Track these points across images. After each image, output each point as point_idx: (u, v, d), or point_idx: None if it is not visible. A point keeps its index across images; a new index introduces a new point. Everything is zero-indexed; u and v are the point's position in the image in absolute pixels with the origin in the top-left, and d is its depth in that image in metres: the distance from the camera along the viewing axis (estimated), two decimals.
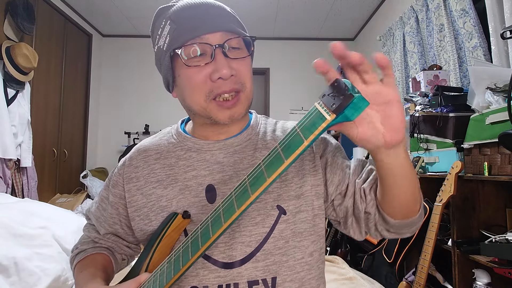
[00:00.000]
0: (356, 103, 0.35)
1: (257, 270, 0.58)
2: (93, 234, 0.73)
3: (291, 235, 0.61)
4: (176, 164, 0.65)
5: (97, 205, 0.74)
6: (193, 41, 0.58)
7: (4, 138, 2.36)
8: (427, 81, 1.97)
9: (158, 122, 4.03)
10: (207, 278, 0.57)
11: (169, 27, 0.60)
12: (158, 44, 0.62)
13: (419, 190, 0.56)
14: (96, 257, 0.68)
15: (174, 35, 0.59)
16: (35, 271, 1.36)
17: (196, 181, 0.63)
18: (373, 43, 3.59)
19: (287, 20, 3.79)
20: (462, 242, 1.44)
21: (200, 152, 0.66)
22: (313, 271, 0.62)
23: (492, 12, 1.73)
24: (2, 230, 1.43)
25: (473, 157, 1.45)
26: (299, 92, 4.20)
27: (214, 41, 0.58)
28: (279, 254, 0.59)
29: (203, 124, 0.66)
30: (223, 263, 0.58)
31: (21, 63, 2.49)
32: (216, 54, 0.58)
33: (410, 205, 0.56)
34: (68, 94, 3.48)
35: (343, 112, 0.35)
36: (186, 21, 0.59)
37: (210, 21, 0.59)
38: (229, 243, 0.59)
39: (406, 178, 0.52)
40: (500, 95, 1.33)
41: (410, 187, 0.53)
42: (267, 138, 0.68)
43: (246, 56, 0.62)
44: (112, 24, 3.92)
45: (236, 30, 0.61)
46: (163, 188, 0.64)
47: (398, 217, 0.57)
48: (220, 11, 0.61)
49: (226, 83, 0.58)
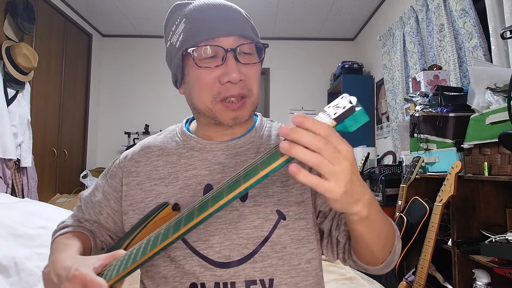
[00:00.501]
0: (357, 116, 0.37)
1: (254, 271, 0.58)
2: (80, 214, 0.72)
3: (289, 241, 0.61)
4: (178, 162, 0.66)
5: (91, 191, 0.73)
6: (206, 43, 0.58)
7: (4, 138, 2.36)
8: (427, 81, 1.97)
9: (158, 122, 4.04)
10: (204, 275, 0.58)
11: (183, 26, 0.60)
12: (171, 41, 0.63)
13: (390, 245, 0.57)
14: (78, 234, 0.68)
15: (188, 35, 0.59)
16: (35, 271, 1.36)
17: (195, 180, 0.63)
18: (373, 43, 3.59)
19: (287, 20, 3.79)
20: (462, 242, 1.44)
21: (202, 152, 0.66)
22: (310, 278, 0.62)
23: (492, 12, 1.73)
24: (2, 230, 1.43)
25: (473, 157, 1.45)
26: (299, 92, 4.20)
27: (227, 44, 0.59)
28: (276, 258, 0.59)
29: (207, 124, 0.66)
30: (220, 262, 0.58)
31: (21, 63, 2.49)
32: (228, 58, 0.59)
33: (377, 256, 0.57)
34: (68, 94, 3.48)
35: (343, 121, 0.37)
36: (201, 22, 0.59)
37: (224, 24, 0.59)
38: (225, 244, 0.59)
39: (371, 241, 0.53)
40: (500, 95, 1.33)
41: (378, 245, 0.54)
42: (270, 142, 0.68)
43: (257, 62, 0.63)
44: (112, 24, 3.92)
45: (250, 35, 0.61)
46: (164, 186, 0.64)
47: (363, 261, 0.59)
48: (236, 14, 0.62)
49: (235, 87, 0.59)
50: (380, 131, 3.46)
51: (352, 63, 3.63)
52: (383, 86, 3.27)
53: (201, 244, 0.59)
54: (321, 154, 0.38)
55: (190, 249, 0.59)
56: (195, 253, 0.59)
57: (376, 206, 0.49)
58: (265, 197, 0.62)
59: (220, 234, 0.59)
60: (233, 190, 0.42)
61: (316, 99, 4.18)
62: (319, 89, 4.20)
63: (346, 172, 0.39)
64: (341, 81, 3.57)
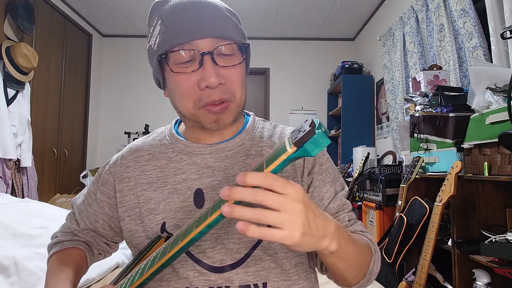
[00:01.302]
0: (316, 139, 0.36)
1: (248, 275, 0.58)
2: (73, 226, 0.72)
3: (280, 247, 0.60)
4: (167, 166, 0.64)
5: (83, 198, 0.72)
6: (181, 47, 0.55)
7: (4, 138, 2.36)
8: (427, 81, 1.97)
9: (158, 122, 4.03)
10: (198, 280, 0.57)
11: (159, 28, 0.57)
12: (149, 43, 0.60)
13: (364, 269, 0.56)
14: (71, 253, 0.67)
15: (163, 38, 0.56)
16: (35, 271, 1.36)
17: (185, 185, 0.62)
18: (373, 43, 3.59)
19: (287, 20, 3.79)
20: (462, 242, 1.44)
21: (191, 155, 0.64)
22: (301, 282, 0.62)
23: (492, 12, 1.73)
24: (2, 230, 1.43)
25: (473, 157, 1.45)
26: (299, 92, 4.20)
27: (204, 47, 0.55)
28: (269, 261, 0.59)
29: (193, 127, 0.65)
30: (213, 267, 0.58)
31: (21, 63, 2.49)
32: (205, 62, 0.55)
33: (349, 281, 0.56)
34: (68, 94, 3.48)
35: (303, 146, 0.37)
36: (176, 24, 0.55)
37: (201, 26, 0.55)
38: (217, 248, 0.58)
39: (343, 269, 0.52)
40: (500, 95, 1.33)
41: (351, 272, 0.54)
42: (262, 145, 0.66)
43: (238, 64, 0.59)
44: (112, 24, 3.92)
45: (229, 35, 0.57)
46: (152, 190, 0.63)
47: (336, 282, 0.60)
48: (215, 13, 0.57)
49: (215, 92, 0.56)
50: (380, 131, 3.46)
51: (352, 63, 3.63)
52: (383, 86, 3.27)
53: (195, 248, 0.59)
54: (266, 205, 0.37)
55: (186, 253, 0.59)
56: (190, 257, 0.58)
57: (344, 235, 0.48)
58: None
59: (211, 239, 0.59)
60: (186, 236, 0.43)
61: (316, 99, 4.18)
62: (319, 89, 4.20)
63: (298, 215, 0.38)
64: (341, 81, 3.57)
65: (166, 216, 0.60)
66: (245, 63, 0.63)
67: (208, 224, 0.41)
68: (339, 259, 0.49)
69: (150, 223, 0.61)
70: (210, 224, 0.41)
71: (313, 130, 0.36)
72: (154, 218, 0.61)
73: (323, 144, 0.36)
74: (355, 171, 2.77)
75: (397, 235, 1.72)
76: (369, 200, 2.45)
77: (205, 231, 0.42)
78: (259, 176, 0.37)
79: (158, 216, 0.61)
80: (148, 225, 0.61)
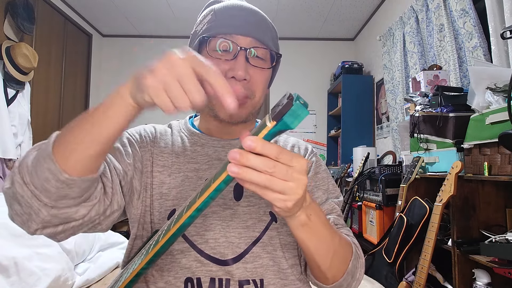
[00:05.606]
0: (294, 111, 0.36)
1: (247, 271, 0.59)
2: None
3: (278, 245, 0.62)
4: (182, 154, 0.67)
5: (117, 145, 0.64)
6: (223, 36, 0.61)
7: (4, 138, 2.36)
8: (427, 81, 1.97)
9: (158, 122, 4.01)
10: (200, 270, 0.58)
11: (209, 17, 0.64)
12: (196, 29, 0.67)
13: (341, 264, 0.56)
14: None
15: (211, 26, 0.63)
16: (35, 271, 1.36)
17: (196, 174, 0.64)
18: (373, 43, 3.59)
19: (287, 20, 3.79)
20: (462, 242, 1.44)
21: (204, 147, 0.68)
22: (297, 282, 0.63)
23: (492, 12, 1.73)
24: (2, 230, 1.42)
25: (473, 157, 1.45)
26: (299, 92, 4.12)
27: (242, 43, 0.61)
28: (267, 258, 0.60)
29: (209, 119, 0.68)
30: (215, 258, 0.58)
31: (21, 63, 2.49)
32: (239, 55, 0.60)
33: (324, 273, 0.56)
34: (68, 94, 3.48)
35: (281, 119, 0.36)
36: (226, 17, 0.62)
37: (246, 25, 0.62)
38: (220, 240, 0.59)
39: (315, 252, 0.52)
40: (500, 95, 1.33)
41: (324, 258, 0.54)
42: None
43: (267, 68, 0.64)
44: (112, 24, 3.92)
45: (267, 42, 0.63)
46: (167, 175, 0.64)
47: (313, 275, 0.60)
48: (261, 20, 0.65)
49: (237, 84, 0.60)
50: (380, 131, 3.46)
51: (352, 63, 3.63)
52: (383, 86, 3.27)
53: (199, 238, 0.60)
54: (272, 175, 0.38)
55: (189, 243, 0.59)
56: (193, 248, 0.59)
57: (317, 212, 0.49)
58: (259, 198, 0.63)
59: (215, 230, 0.60)
60: (189, 207, 0.44)
61: (316, 99, 4.18)
62: (319, 89, 4.19)
63: (302, 187, 0.40)
64: (341, 81, 3.57)
65: (177, 204, 0.61)
66: (272, 71, 0.68)
67: (216, 187, 0.41)
68: (309, 234, 0.49)
69: (159, 207, 0.61)
70: (218, 188, 0.41)
71: (290, 102, 0.36)
72: (164, 203, 0.62)
73: (301, 115, 0.36)
74: (355, 171, 2.76)
75: (397, 235, 1.72)
76: (369, 200, 2.45)
77: (213, 196, 0.42)
78: (268, 146, 0.38)
79: (169, 202, 0.62)
80: (156, 209, 0.61)
